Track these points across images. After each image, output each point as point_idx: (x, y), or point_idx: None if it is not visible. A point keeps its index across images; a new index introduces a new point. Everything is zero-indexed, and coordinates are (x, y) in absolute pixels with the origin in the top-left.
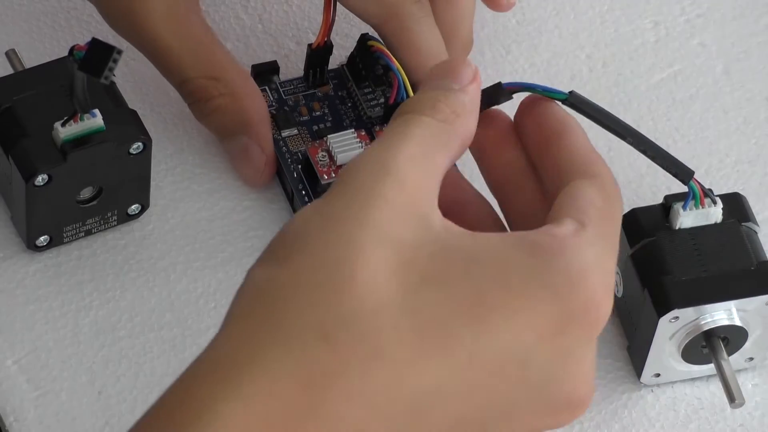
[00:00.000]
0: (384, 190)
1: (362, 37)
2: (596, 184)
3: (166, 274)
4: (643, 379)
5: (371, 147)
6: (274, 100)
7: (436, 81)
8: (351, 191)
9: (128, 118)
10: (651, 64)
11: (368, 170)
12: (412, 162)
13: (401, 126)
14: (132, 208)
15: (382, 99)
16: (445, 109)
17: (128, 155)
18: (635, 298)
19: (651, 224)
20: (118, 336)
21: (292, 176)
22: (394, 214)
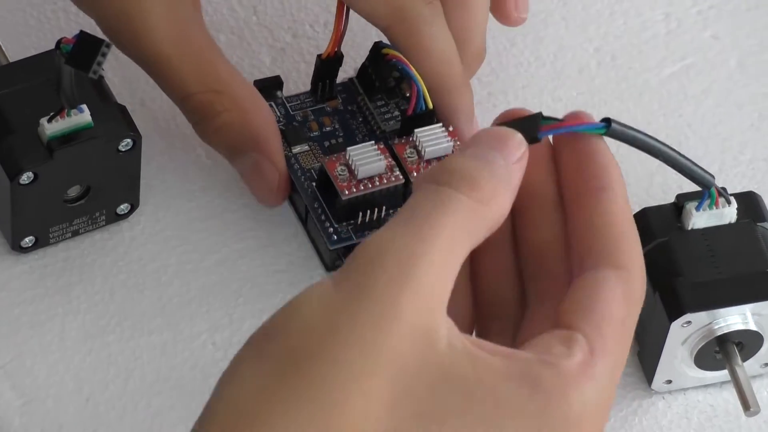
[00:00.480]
0: (400, 304)
1: (376, 45)
2: (622, 282)
3: (157, 276)
4: (654, 386)
5: (396, 227)
6: (281, 116)
7: (480, 149)
8: (365, 297)
9: (117, 113)
10: (662, 58)
11: (389, 271)
12: (436, 268)
13: (433, 205)
14: (121, 208)
15: (396, 112)
16: (485, 186)
17: (117, 152)
18: (646, 301)
19: (662, 224)
20: (106, 341)
21: (306, 194)
22: (403, 333)
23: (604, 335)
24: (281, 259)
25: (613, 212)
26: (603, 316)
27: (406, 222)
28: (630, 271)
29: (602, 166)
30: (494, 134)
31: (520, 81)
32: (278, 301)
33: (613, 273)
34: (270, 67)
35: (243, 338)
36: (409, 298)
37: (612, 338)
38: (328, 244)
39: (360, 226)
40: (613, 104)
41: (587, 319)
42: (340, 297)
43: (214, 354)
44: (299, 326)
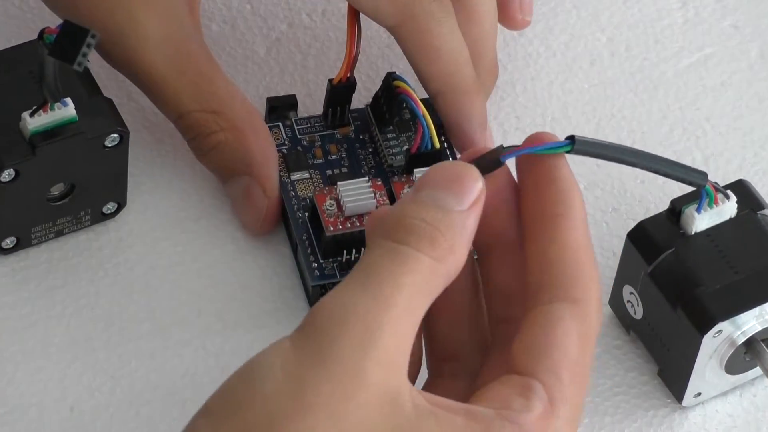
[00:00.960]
0: (365, 370)
1: (388, 75)
2: (577, 318)
3: (146, 279)
4: (686, 402)
5: (355, 288)
6: (287, 139)
7: (434, 192)
8: (330, 365)
9: (103, 107)
10: (679, 48)
11: (352, 338)
12: (398, 332)
13: (392, 265)
14: (107, 207)
15: (406, 146)
16: (443, 243)
17: (103, 148)
18: (664, 319)
19: (663, 235)
20: (92, 347)
21: (297, 224)
22: (370, 400)
23: (562, 380)
24: (276, 261)
25: (569, 241)
26: (559, 359)
27: (366, 283)
28: (585, 305)
29: (561, 190)
30: (449, 172)
31: (528, 72)
32: (273, 306)
33: (568, 309)
34: (264, 59)
35: (236, 344)
36: (374, 364)
37: (570, 382)
38: (310, 280)
39: (345, 264)
40: (626, 97)
41: (543, 364)
42: (303, 365)
43: (206, 360)
44: (261, 398)
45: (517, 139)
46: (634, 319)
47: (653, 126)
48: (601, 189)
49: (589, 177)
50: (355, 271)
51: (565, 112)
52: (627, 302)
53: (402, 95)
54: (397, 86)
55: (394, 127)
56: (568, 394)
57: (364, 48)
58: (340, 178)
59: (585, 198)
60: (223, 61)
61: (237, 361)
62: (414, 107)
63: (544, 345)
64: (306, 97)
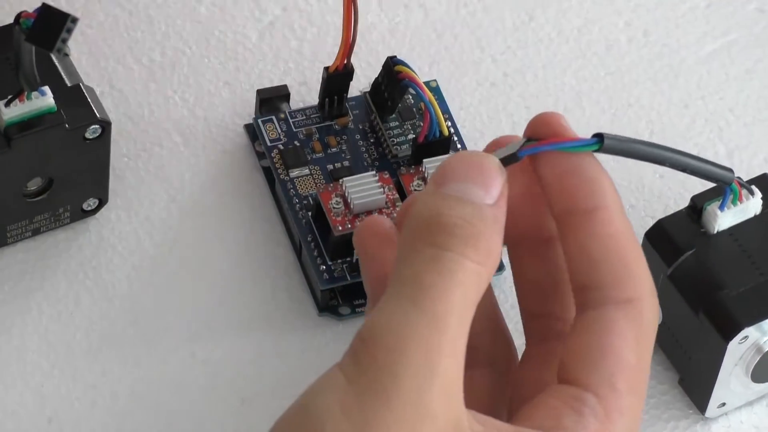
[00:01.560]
0: (431, 402)
1: (389, 60)
2: (632, 320)
3: (129, 282)
4: (709, 413)
5: (405, 305)
6: (282, 133)
7: (460, 186)
8: (393, 398)
9: (84, 97)
10: (701, 33)
11: (412, 367)
12: (455, 353)
13: (441, 276)
14: (88, 203)
15: (411, 134)
16: (483, 245)
17: (83, 140)
18: (685, 324)
19: (684, 234)
20: (72, 354)
21: (300, 224)
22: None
23: (619, 390)
24: (269, 262)
25: (611, 234)
26: (615, 367)
27: (417, 301)
28: (640, 302)
29: (591, 181)
30: (471, 162)
31: (539, 59)
32: (267, 310)
33: (621, 311)
34: (256, 44)
35: (226, 352)
36: (437, 396)
37: (627, 392)
38: (320, 284)
39: (356, 265)
40: (645, 86)
41: (597, 373)
42: (365, 404)
43: (194, 368)
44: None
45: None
46: None
47: (673, 117)
48: (617, 184)
49: None
50: (400, 284)
51: (578, 101)
52: None
53: (405, 81)
54: (399, 71)
55: (396, 115)
56: (626, 405)
57: (362, 33)
58: (343, 172)
59: None
60: (212, 46)
61: (228, 370)
62: (420, 93)
63: (597, 352)
64: (301, 85)
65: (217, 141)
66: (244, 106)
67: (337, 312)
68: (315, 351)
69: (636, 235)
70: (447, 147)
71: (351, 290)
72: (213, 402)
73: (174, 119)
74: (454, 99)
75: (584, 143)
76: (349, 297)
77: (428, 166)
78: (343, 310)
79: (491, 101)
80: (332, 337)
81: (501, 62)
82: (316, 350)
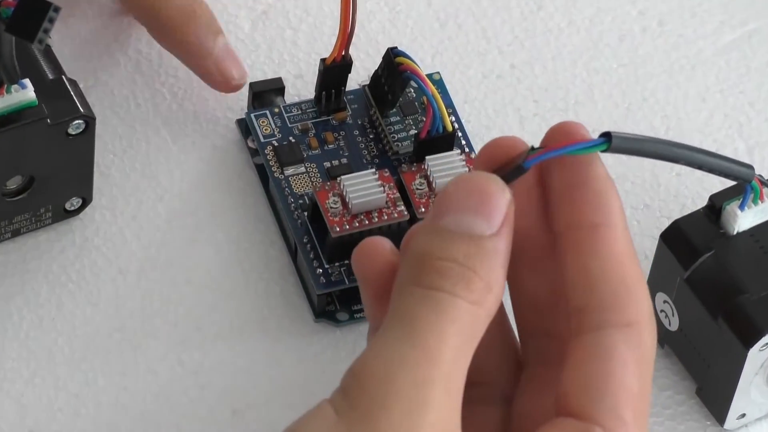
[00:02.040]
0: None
1: (389, 51)
2: (632, 345)
3: (114, 286)
4: (728, 425)
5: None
6: (276, 129)
7: (461, 216)
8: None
9: (67, 90)
10: (719, 23)
11: (402, 401)
12: (450, 388)
13: (433, 315)
14: (71, 203)
15: (413, 130)
16: (479, 284)
17: (66, 136)
18: (703, 330)
19: (702, 236)
20: (54, 362)
21: (295, 225)
22: None
23: (625, 421)
24: (263, 264)
25: (613, 254)
26: (620, 397)
27: (408, 335)
28: (639, 328)
29: (597, 193)
30: (472, 188)
31: (549, 51)
32: (260, 315)
33: (621, 335)
34: (249, 35)
35: (217, 360)
36: (430, 430)
37: (633, 421)
38: (316, 288)
39: None
40: (660, 78)
41: (602, 404)
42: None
43: (182, 378)
44: None
45: (536, 127)
46: (668, 331)
47: (690, 112)
48: (631, 182)
49: (617, 169)
50: (393, 321)
51: (590, 95)
52: (660, 312)
53: (407, 73)
54: (400, 63)
55: (397, 109)
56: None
57: (361, 22)
58: (341, 170)
59: None
60: None
61: (219, 379)
62: (422, 86)
63: (600, 381)
64: (296, 78)
65: (207, 137)
66: (236, 100)
67: (335, 318)
68: (311, 359)
69: (651, 235)
70: (451, 143)
71: (349, 295)
72: (202, 413)
73: (162, 114)
74: (458, 92)
75: (591, 144)
76: (348, 302)
77: (431, 163)
78: (340, 316)
79: (497, 94)
80: (329, 344)
81: (508, 53)
82: (312, 358)
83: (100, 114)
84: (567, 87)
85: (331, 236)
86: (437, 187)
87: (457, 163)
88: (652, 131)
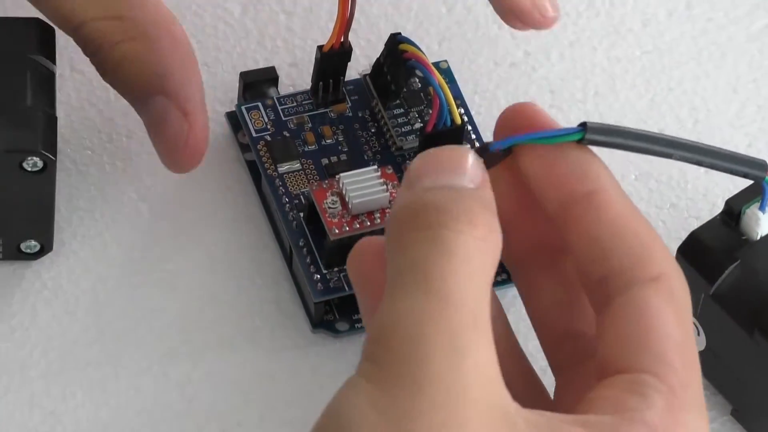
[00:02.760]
0: (467, 387)
1: (392, 37)
2: (665, 295)
3: (94, 293)
4: None
5: (414, 297)
6: (269, 122)
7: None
8: (425, 386)
9: (37, 121)
10: (752, 5)
11: (438, 350)
12: (481, 329)
13: (444, 256)
14: (28, 245)
15: (418, 123)
16: (480, 222)
17: (21, 170)
18: (736, 348)
19: (723, 245)
20: (28, 376)
21: (290, 227)
22: (477, 419)
23: (674, 366)
24: (255, 269)
25: (616, 216)
26: (664, 344)
27: (424, 284)
28: (668, 279)
29: (580, 163)
30: (438, 155)
31: (566, 36)
32: (253, 325)
33: (651, 290)
34: (239, 19)
35: (206, 373)
36: (474, 377)
37: (683, 367)
38: (313, 295)
39: None
40: (687, 66)
41: (647, 354)
42: (393, 393)
43: (168, 392)
44: None
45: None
46: None
47: (720, 103)
48: (656, 180)
49: (641, 166)
50: (399, 276)
51: (611, 85)
52: None
53: (411, 61)
54: (404, 50)
55: (401, 101)
56: (687, 379)
57: (361, 6)
58: (340, 167)
59: (636, 191)
60: (189, 22)
61: (207, 394)
62: (428, 75)
63: (641, 336)
64: (291, 67)
65: None
66: (226, 91)
67: (334, 328)
68: (308, 373)
69: (679, 237)
70: (459, 137)
71: (349, 303)
72: (190, 431)
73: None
74: (467, 82)
75: (564, 133)
76: (347, 311)
77: None
78: (340, 326)
79: (510, 84)
80: (328, 356)
81: (521, 39)
82: (309, 372)
83: (77, 106)
84: (586, 76)
85: (329, 239)
86: None
87: None
88: (679, 124)
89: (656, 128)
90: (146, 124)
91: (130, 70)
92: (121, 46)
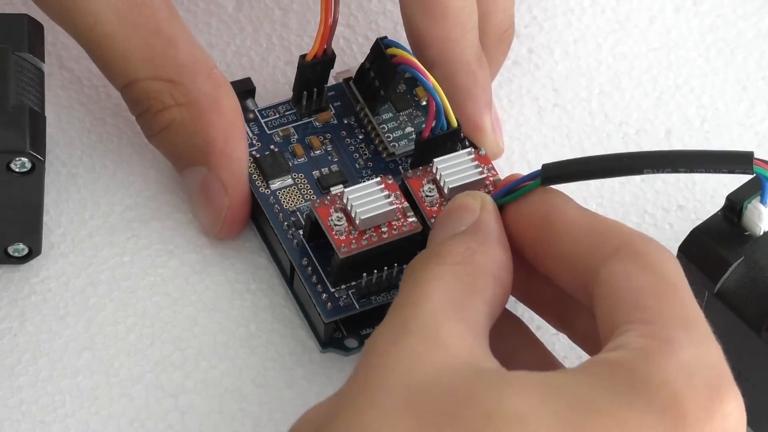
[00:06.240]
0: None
1: (379, 41)
2: (629, 260)
3: (84, 298)
4: None
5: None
6: (254, 137)
7: (435, 232)
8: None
9: (24, 121)
10: (762, 1)
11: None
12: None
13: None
14: (15, 248)
15: (408, 127)
16: (454, 250)
17: (8, 171)
18: (743, 347)
19: (726, 241)
20: (16, 385)
21: (290, 246)
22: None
23: (646, 307)
24: (249, 272)
25: (566, 222)
26: (633, 298)
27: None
28: (627, 244)
29: (541, 205)
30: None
31: (570, 33)
32: (245, 332)
33: (615, 260)
34: (233, 15)
35: (200, 381)
36: (426, 343)
37: (656, 304)
38: (323, 316)
39: (365, 288)
40: (695, 64)
41: (618, 314)
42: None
43: (161, 401)
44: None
45: (556, 119)
46: None
47: (729, 101)
48: (662, 181)
49: None
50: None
51: (617, 83)
52: None
53: (402, 65)
54: (393, 55)
55: (389, 105)
56: (667, 313)
57: (360, 2)
58: (332, 178)
59: (643, 193)
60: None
61: (201, 403)
62: (421, 79)
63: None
64: (287, 65)
65: None
66: None
67: (344, 346)
68: (303, 381)
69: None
70: (455, 141)
71: (357, 319)
72: None
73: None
74: None
75: (527, 178)
76: (355, 327)
77: (440, 166)
78: (349, 343)
79: (513, 83)
80: (323, 364)
81: (525, 36)
82: (305, 380)
83: (66, 105)
84: (591, 74)
85: (338, 257)
86: (448, 193)
87: (468, 163)
88: (686, 123)
89: (663, 128)
90: (186, 190)
91: (176, 137)
92: (170, 111)
